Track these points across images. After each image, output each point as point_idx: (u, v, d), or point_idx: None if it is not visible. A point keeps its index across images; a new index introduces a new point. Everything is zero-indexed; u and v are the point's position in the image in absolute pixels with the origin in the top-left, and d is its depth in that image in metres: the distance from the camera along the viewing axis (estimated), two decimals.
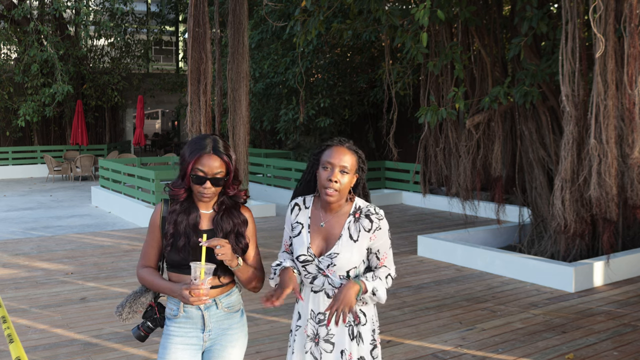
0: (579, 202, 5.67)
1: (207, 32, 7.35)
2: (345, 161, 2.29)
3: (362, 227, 2.35)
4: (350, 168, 2.30)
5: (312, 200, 2.45)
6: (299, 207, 2.45)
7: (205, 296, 2.20)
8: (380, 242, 2.37)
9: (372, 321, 2.44)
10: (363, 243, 2.35)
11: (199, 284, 2.18)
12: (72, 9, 18.28)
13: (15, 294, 5.96)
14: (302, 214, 2.43)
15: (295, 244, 2.41)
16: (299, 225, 2.42)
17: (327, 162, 2.30)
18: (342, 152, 2.31)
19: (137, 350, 4.41)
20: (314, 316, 2.39)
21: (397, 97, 8.17)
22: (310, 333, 2.40)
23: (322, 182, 2.31)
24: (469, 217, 8.28)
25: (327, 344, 2.37)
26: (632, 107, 5.02)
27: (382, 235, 2.37)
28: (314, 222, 2.40)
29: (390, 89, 7.75)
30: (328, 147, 2.36)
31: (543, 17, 6.19)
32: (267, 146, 18.50)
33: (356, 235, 2.34)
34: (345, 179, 2.30)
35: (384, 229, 2.37)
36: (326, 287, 2.37)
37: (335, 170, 2.28)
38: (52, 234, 9.32)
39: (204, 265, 2.19)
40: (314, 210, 2.43)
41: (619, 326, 4.96)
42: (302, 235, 2.40)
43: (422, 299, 5.78)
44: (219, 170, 2.30)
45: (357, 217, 2.37)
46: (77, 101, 18.79)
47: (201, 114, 7.46)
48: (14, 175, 18.77)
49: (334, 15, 11.44)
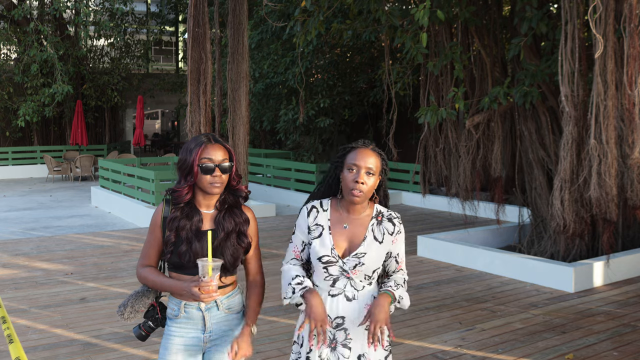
0: (578, 202, 5.67)
1: (207, 32, 7.36)
2: (370, 163, 2.30)
3: (386, 229, 2.37)
4: (375, 170, 2.32)
5: (329, 203, 2.43)
6: (316, 209, 2.42)
7: (215, 292, 2.19)
8: (400, 246, 2.41)
9: (387, 327, 2.42)
10: (386, 245, 2.37)
11: (208, 281, 2.17)
12: (72, 9, 18.28)
13: (15, 294, 5.96)
14: (321, 216, 2.40)
15: (317, 246, 2.36)
16: (319, 227, 2.38)
17: (353, 164, 2.30)
18: (367, 154, 2.32)
19: (137, 351, 4.41)
20: (331, 321, 2.34)
21: (397, 98, 8.16)
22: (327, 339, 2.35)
23: (348, 184, 2.30)
24: (469, 217, 8.28)
25: (344, 349, 2.33)
26: (631, 107, 5.02)
27: (402, 239, 2.41)
28: (335, 224, 2.38)
29: (390, 89, 7.75)
30: (352, 149, 2.35)
31: (543, 17, 6.19)
32: (267, 146, 18.50)
33: (381, 237, 2.36)
34: (371, 180, 2.31)
35: (403, 233, 2.42)
36: (347, 289, 2.34)
37: (361, 171, 2.29)
38: (51, 234, 9.32)
39: (211, 262, 2.18)
40: (334, 212, 2.41)
41: (618, 326, 4.96)
42: (323, 236, 2.37)
43: (422, 299, 5.78)
44: (224, 158, 2.33)
45: (380, 220, 2.39)
46: (76, 101, 18.80)
47: (201, 114, 7.46)
48: (14, 176, 18.77)
49: (333, 15, 11.44)
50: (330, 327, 2.34)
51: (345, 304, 2.33)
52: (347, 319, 2.33)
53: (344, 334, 2.34)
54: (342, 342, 2.34)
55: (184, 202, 2.38)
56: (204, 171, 2.29)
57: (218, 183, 2.31)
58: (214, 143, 2.34)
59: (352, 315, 2.33)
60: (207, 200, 2.39)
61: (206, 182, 2.31)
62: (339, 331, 2.34)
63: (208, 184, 2.31)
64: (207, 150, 2.31)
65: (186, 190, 2.35)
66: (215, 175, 2.30)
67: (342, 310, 2.34)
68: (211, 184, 2.31)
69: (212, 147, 2.32)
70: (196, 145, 2.33)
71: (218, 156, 2.31)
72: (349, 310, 2.33)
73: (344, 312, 2.33)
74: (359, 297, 2.35)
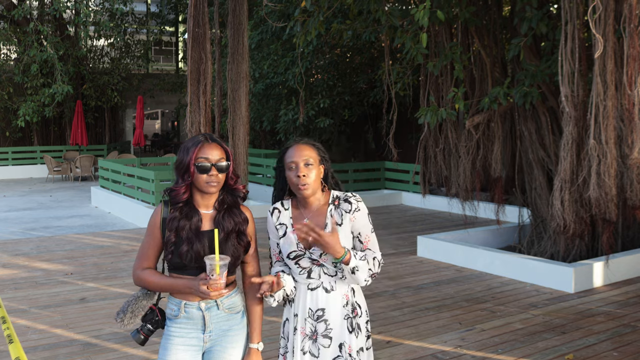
0: (578, 202, 5.67)
1: (207, 33, 7.36)
2: (305, 155, 2.38)
3: (343, 210, 2.43)
4: (313, 160, 2.39)
5: (290, 202, 2.51)
6: (278, 210, 2.51)
7: (225, 289, 2.22)
8: (361, 224, 2.43)
9: (367, 313, 2.52)
10: (347, 226, 2.41)
11: (216, 278, 2.18)
12: (72, 9, 18.29)
13: (15, 294, 5.96)
14: (282, 215, 2.49)
15: (284, 244, 2.45)
16: (283, 226, 2.47)
17: (291, 162, 2.39)
18: (300, 148, 2.41)
19: (136, 351, 4.41)
20: (312, 314, 2.41)
21: (397, 98, 8.16)
22: (309, 331, 2.41)
23: (292, 181, 2.38)
24: (469, 218, 8.29)
25: (325, 339, 2.39)
26: (631, 107, 5.02)
27: (362, 217, 2.43)
28: (297, 220, 2.45)
29: (390, 89, 7.75)
30: (287, 149, 2.45)
31: (543, 17, 6.19)
32: (267, 146, 18.50)
33: (339, 219, 2.42)
34: (312, 171, 2.38)
35: (363, 211, 2.44)
36: (323, 279, 2.40)
37: (300, 165, 2.36)
38: (51, 235, 9.32)
39: (218, 260, 2.19)
40: (295, 210, 2.49)
41: (618, 327, 4.96)
42: (287, 234, 2.45)
43: (421, 299, 5.78)
44: (221, 157, 2.33)
45: (337, 204, 2.45)
46: (76, 101, 18.80)
47: (201, 114, 7.47)
48: (14, 176, 18.77)
49: (333, 15, 11.44)
50: (312, 320, 2.41)
51: (325, 295, 2.40)
52: (327, 311, 2.40)
53: (324, 325, 2.40)
54: (323, 333, 2.40)
55: (182, 202, 2.38)
56: (200, 170, 2.30)
57: (214, 182, 2.32)
58: (210, 142, 2.35)
59: (332, 306, 2.40)
60: (205, 200, 2.39)
61: (202, 182, 2.32)
62: (320, 323, 2.40)
63: (204, 183, 2.32)
64: (203, 149, 2.32)
65: (183, 190, 2.36)
66: (212, 174, 2.31)
67: (322, 302, 2.40)
68: (207, 183, 2.31)
69: (208, 146, 2.33)
70: (193, 144, 2.34)
71: (215, 155, 2.32)
72: (329, 301, 2.40)
73: (324, 304, 2.40)
74: (337, 288, 2.42)
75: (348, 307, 2.41)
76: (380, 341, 4.63)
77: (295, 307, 2.45)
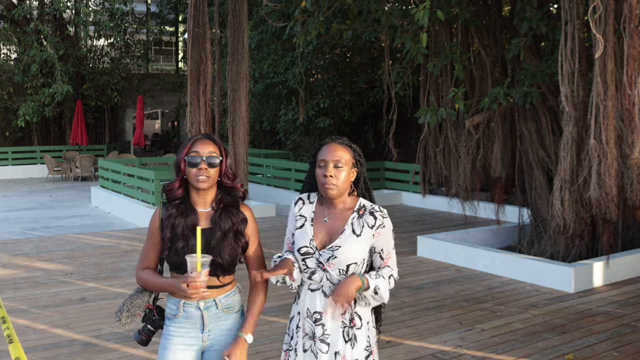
0: (578, 202, 5.67)
1: (207, 33, 7.36)
2: (337, 156, 2.35)
3: (366, 223, 2.37)
4: (344, 162, 2.35)
5: (316, 197, 2.49)
6: (302, 201, 2.48)
7: (204, 288, 2.15)
8: (385, 241, 2.39)
9: (368, 327, 2.42)
10: (366, 239, 2.36)
11: (195, 276, 2.14)
12: (72, 9, 18.28)
13: (15, 294, 5.96)
14: (305, 208, 2.47)
15: (298, 237, 2.42)
16: (302, 218, 2.44)
17: (321, 160, 2.37)
18: (334, 147, 2.37)
19: (136, 351, 4.41)
20: (310, 315, 2.39)
21: (397, 98, 8.16)
22: (309, 331, 2.40)
23: (319, 179, 2.36)
24: (469, 218, 8.28)
25: (322, 344, 2.37)
26: (631, 107, 5.02)
27: (386, 233, 2.39)
28: (318, 217, 2.43)
29: (390, 89, 7.75)
30: (321, 146, 2.42)
31: (543, 17, 6.19)
32: (266, 146, 18.50)
33: (359, 230, 2.36)
34: (341, 172, 2.34)
35: (388, 228, 2.39)
36: (324, 283, 2.37)
37: (329, 166, 2.33)
38: (51, 234, 9.31)
39: (199, 258, 2.16)
40: (318, 206, 2.46)
41: (618, 327, 4.96)
42: (305, 227, 2.42)
43: (421, 299, 5.78)
44: (212, 152, 2.34)
45: (361, 214, 2.39)
46: (76, 101, 18.79)
47: (201, 114, 7.47)
48: (14, 176, 18.76)
49: (333, 15, 11.44)
50: (310, 321, 2.38)
51: (324, 299, 2.37)
52: (325, 316, 2.36)
53: (321, 329, 2.37)
54: (320, 337, 2.37)
55: (179, 200, 2.39)
56: (190, 164, 2.32)
57: (204, 176, 2.31)
58: (204, 139, 2.37)
59: (329, 312, 2.36)
60: (201, 198, 2.39)
61: (193, 176, 2.32)
62: (317, 326, 2.38)
63: (194, 177, 2.32)
64: (196, 144, 2.35)
65: (177, 185, 2.37)
66: (201, 167, 2.31)
67: (320, 306, 2.37)
68: (197, 177, 2.31)
69: (201, 141, 2.35)
70: (188, 141, 2.38)
71: (206, 150, 2.33)
72: (327, 305, 2.36)
73: (322, 308, 2.36)
74: None
75: (346, 316, 2.36)
76: (380, 341, 4.62)
77: (300, 304, 2.44)
